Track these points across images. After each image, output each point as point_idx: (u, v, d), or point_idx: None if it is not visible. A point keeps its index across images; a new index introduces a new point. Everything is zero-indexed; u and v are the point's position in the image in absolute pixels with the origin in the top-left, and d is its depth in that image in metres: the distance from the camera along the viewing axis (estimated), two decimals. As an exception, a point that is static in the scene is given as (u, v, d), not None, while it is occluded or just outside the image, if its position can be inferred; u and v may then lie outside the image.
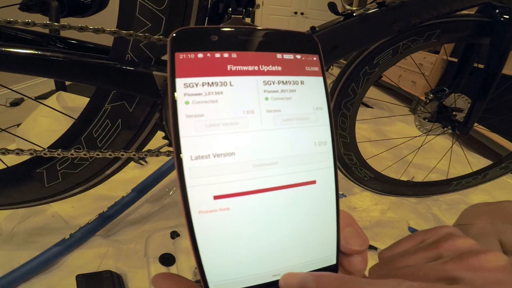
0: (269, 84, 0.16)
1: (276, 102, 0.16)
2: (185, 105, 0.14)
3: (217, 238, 0.14)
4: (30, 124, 0.99)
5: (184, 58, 0.14)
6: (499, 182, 0.96)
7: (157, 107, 0.48)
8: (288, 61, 0.16)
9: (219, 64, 0.15)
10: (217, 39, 0.15)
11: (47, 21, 0.35)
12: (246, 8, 0.41)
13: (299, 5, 3.67)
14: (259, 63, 0.16)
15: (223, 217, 0.14)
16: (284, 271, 0.15)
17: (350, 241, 0.17)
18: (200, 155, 0.14)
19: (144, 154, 0.49)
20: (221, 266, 0.14)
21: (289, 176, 0.16)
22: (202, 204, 0.14)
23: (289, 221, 0.16)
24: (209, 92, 0.14)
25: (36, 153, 0.44)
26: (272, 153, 0.15)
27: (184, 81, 0.14)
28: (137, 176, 0.85)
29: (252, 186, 0.15)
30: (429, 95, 0.78)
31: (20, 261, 0.58)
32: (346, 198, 0.84)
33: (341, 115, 0.70)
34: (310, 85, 0.16)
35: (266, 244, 0.15)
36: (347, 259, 0.17)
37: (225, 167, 0.14)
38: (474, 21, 0.60)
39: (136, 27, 0.41)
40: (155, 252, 0.66)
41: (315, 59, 0.17)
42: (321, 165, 0.16)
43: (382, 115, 1.62)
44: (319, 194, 0.16)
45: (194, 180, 0.14)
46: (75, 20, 1.07)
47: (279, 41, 0.16)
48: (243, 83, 0.15)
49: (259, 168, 0.15)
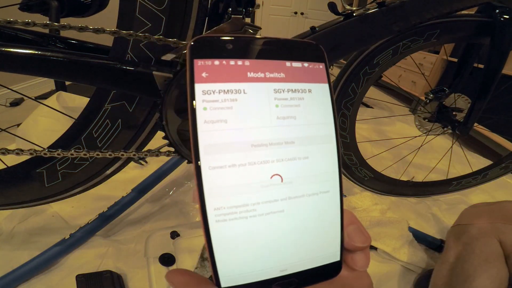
0: (279, 92, 0.17)
1: (285, 109, 0.17)
2: (203, 110, 0.15)
3: (230, 236, 0.15)
4: (30, 124, 0.99)
5: (202, 65, 0.15)
6: (499, 182, 0.96)
7: (157, 107, 0.48)
8: (297, 69, 0.17)
9: (234, 71, 0.16)
10: (232, 47, 0.16)
11: (47, 21, 0.35)
12: (246, 8, 0.41)
13: (299, 5, 3.67)
14: (270, 70, 0.16)
15: (237, 218, 0.15)
16: (291, 266, 0.16)
17: (353, 238, 0.18)
18: (217, 159, 0.15)
19: (144, 154, 0.49)
20: (232, 262, 0.15)
21: (297, 179, 0.17)
22: (218, 206, 0.15)
23: (296, 219, 0.17)
24: (225, 99, 0.15)
25: (36, 153, 0.44)
26: (282, 157, 0.16)
27: (203, 87, 0.15)
28: (137, 176, 0.85)
29: (263, 189, 0.16)
30: (429, 95, 0.78)
31: (20, 261, 0.58)
32: (346, 198, 0.84)
33: (341, 115, 0.70)
34: (317, 92, 0.18)
35: (274, 241, 0.16)
36: (351, 256, 0.18)
37: (240, 172, 0.15)
38: (474, 21, 0.60)
39: (136, 27, 0.41)
40: (155, 252, 0.66)
41: (321, 67, 0.18)
42: (327, 168, 0.17)
43: (382, 115, 1.63)
44: (325, 194, 0.17)
45: (211, 183, 0.15)
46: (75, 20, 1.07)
47: (289, 49, 0.17)
48: (255, 91, 0.16)
49: (270, 170, 0.16)
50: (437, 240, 0.74)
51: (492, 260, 0.49)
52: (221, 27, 0.37)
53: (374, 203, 0.86)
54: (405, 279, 0.67)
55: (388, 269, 0.68)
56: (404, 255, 0.69)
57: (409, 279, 0.67)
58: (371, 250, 0.71)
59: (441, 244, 0.73)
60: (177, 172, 0.90)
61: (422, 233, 0.76)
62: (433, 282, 0.56)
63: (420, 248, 0.72)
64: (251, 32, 0.38)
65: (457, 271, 0.52)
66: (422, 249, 0.73)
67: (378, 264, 0.69)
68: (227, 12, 0.42)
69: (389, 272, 0.67)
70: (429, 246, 0.74)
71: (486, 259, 0.50)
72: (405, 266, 0.69)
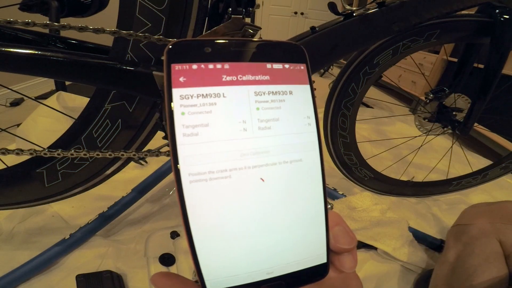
0: (260, 94, 0.16)
1: (266, 112, 0.16)
2: (181, 115, 0.15)
3: (213, 237, 0.15)
4: (30, 124, 0.99)
5: (179, 69, 0.15)
6: (499, 182, 0.96)
7: (157, 107, 0.48)
8: (277, 71, 0.17)
9: (213, 74, 0.15)
10: (211, 51, 0.16)
11: (47, 21, 0.35)
12: (246, 8, 0.41)
13: (299, 5, 3.67)
14: (250, 73, 0.16)
15: (219, 217, 0.15)
16: (277, 269, 0.16)
17: (339, 240, 0.17)
18: (196, 163, 0.15)
19: (144, 154, 0.49)
20: (217, 265, 0.15)
21: (279, 181, 0.17)
22: (198, 204, 0.15)
23: (280, 221, 0.17)
24: (203, 103, 0.15)
25: (36, 153, 0.44)
26: (264, 160, 0.16)
27: (180, 92, 0.15)
28: (137, 176, 0.85)
29: (244, 186, 0.16)
30: (429, 95, 0.78)
31: (20, 261, 0.58)
32: (346, 198, 0.84)
33: (341, 115, 0.70)
34: (298, 93, 0.17)
35: (260, 244, 0.16)
36: (338, 258, 0.18)
37: (221, 174, 0.15)
38: (474, 21, 0.60)
39: (136, 27, 0.41)
40: (155, 252, 0.66)
41: (303, 68, 0.18)
42: (310, 170, 0.17)
43: (382, 115, 1.62)
44: (309, 196, 0.17)
45: (190, 180, 0.15)
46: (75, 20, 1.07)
47: (269, 51, 0.17)
48: (235, 94, 0.16)
49: (252, 170, 0.16)
50: (437, 240, 0.74)
51: (492, 260, 0.49)
52: (221, 27, 0.37)
53: (374, 203, 0.86)
54: (405, 279, 0.67)
55: (388, 269, 0.68)
56: (404, 255, 0.69)
57: (409, 279, 0.67)
58: (371, 250, 0.71)
59: (441, 244, 0.73)
60: (177, 172, 0.90)
61: (422, 233, 0.76)
62: (433, 282, 0.56)
63: (420, 248, 0.72)
64: (251, 32, 0.38)
65: (457, 271, 0.52)
66: (422, 249, 0.73)
67: (378, 264, 0.69)
68: (227, 12, 0.42)
69: (389, 272, 0.67)
70: (429, 246, 0.74)
71: (486, 259, 0.50)
72: (405, 266, 0.69)
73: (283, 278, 0.16)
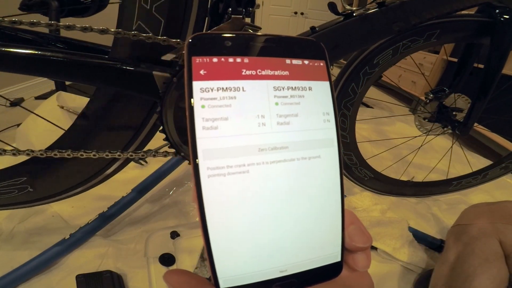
0: (279, 89, 0.16)
1: (285, 107, 0.16)
2: (201, 108, 0.15)
3: (229, 234, 0.15)
4: (30, 124, 0.99)
5: (200, 62, 0.15)
6: (499, 182, 0.96)
7: (157, 107, 0.48)
8: (297, 67, 0.17)
9: (233, 68, 0.15)
10: (231, 45, 0.15)
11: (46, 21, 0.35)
12: (246, 8, 0.41)
13: (299, 5, 3.67)
14: (269, 68, 0.16)
15: (235, 213, 0.15)
16: (291, 267, 0.16)
17: (354, 239, 0.17)
18: (215, 157, 0.15)
19: (142, 155, 0.49)
20: (231, 262, 0.15)
21: (297, 178, 0.16)
22: (215, 200, 0.15)
23: (296, 219, 0.16)
24: (223, 96, 0.15)
25: (32, 153, 0.44)
26: (282, 155, 0.16)
27: (201, 85, 0.15)
28: (137, 176, 0.85)
29: (261, 186, 0.16)
30: (429, 95, 0.78)
31: (20, 261, 0.58)
32: (346, 198, 0.84)
33: (341, 115, 0.70)
34: (318, 90, 0.17)
35: (275, 241, 0.16)
36: (351, 256, 0.18)
37: (239, 169, 0.15)
38: (474, 21, 0.60)
39: (136, 27, 0.41)
40: (155, 252, 0.66)
41: (322, 64, 0.18)
42: (328, 167, 0.17)
43: (382, 115, 1.62)
44: (326, 194, 0.17)
45: (208, 175, 0.15)
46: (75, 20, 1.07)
47: (288, 47, 0.17)
48: (254, 88, 0.16)
49: (270, 166, 0.16)
50: (437, 240, 0.74)
51: (492, 260, 0.49)
52: (221, 27, 0.37)
53: (374, 203, 0.86)
54: (405, 279, 0.67)
55: (388, 269, 0.68)
56: (404, 255, 0.69)
57: (409, 279, 0.67)
58: (371, 250, 0.71)
59: (441, 244, 0.73)
60: (177, 172, 0.90)
61: (422, 233, 0.76)
62: (433, 282, 0.56)
63: (420, 248, 0.72)
64: (251, 32, 0.38)
65: (457, 271, 0.52)
66: (422, 249, 0.73)
67: (378, 264, 0.69)
68: (227, 12, 0.42)
69: (389, 272, 0.67)
70: (429, 246, 0.74)
71: (486, 259, 0.50)
72: (405, 266, 0.69)
73: (296, 276, 0.16)
